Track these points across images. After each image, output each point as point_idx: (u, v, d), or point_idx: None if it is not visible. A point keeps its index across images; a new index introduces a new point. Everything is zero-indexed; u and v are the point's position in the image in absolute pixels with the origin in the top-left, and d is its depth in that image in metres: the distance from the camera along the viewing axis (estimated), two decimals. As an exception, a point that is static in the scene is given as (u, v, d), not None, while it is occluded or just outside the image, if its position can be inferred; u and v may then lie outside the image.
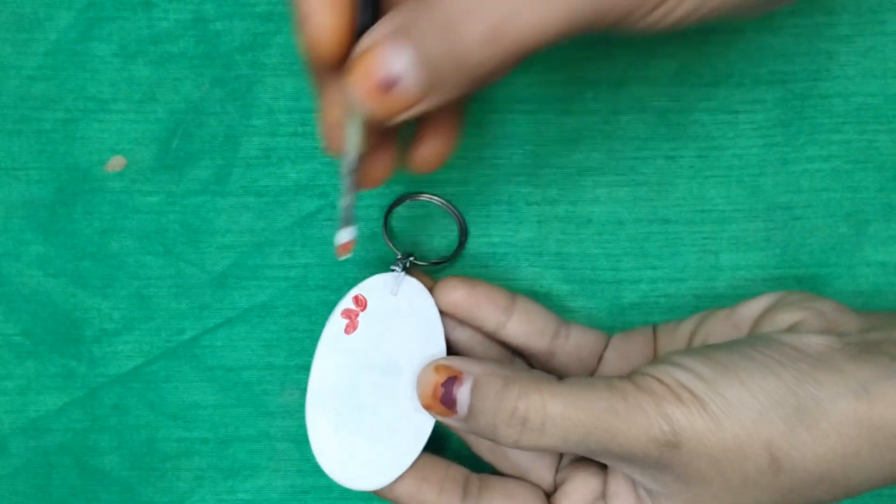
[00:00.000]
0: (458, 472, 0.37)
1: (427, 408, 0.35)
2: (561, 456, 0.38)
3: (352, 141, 0.30)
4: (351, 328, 0.37)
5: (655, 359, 0.34)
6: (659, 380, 0.32)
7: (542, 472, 0.38)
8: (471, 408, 0.34)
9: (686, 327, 0.38)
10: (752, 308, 0.37)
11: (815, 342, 0.33)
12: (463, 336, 0.39)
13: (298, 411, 0.41)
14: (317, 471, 0.41)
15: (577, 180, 0.40)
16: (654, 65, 0.40)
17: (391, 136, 0.33)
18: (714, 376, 0.32)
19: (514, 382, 0.33)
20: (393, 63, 0.27)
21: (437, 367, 0.35)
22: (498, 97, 0.40)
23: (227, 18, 0.40)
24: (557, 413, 0.32)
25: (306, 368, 0.41)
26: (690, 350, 0.34)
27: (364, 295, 0.37)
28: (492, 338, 0.39)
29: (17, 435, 0.41)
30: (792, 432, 0.31)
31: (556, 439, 0.32)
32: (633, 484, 0.35)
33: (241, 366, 0.41)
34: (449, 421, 0.35)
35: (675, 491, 0.32)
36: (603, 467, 0.37)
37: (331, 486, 0.42)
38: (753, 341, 0.34)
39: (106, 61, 0.40)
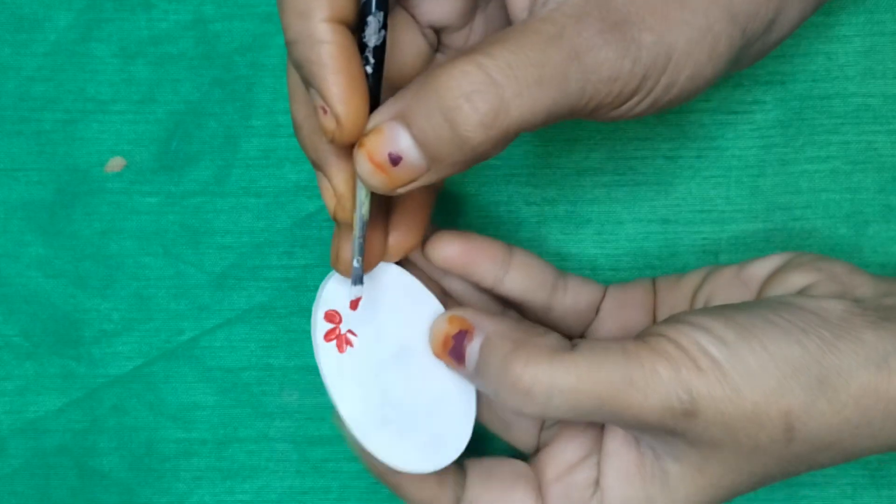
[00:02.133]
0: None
1: (437, 356, 0.34)
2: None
3: (360, 209, 0.32)
4: (343, 344, 0.35)
5: (672, 317, 0.33)
6: (677, 342, 0.31)
7: (527, 426, 0.37)
8: (478, 366, 0.33)
9: (689, 282, 0.37)
10: (762, 267, 0.36)
11: (835, 307, 0.32)
12: (456, 287, 0.38)
13: (298, 412, 0.41)
14: (316, 472, 0.41)
15: (577, 180, 0.40)
16: (654, 65, 0.40)
17: (423, 207, 0.35)
18: (736, 340, 0.31)
19: (522, 348, 0.32)
20: (396, 143, 0.29)
21: (451, 317, 0.34)
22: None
23: (226, 19, 0.40)
24: (568, 386, 0.31)
25: (306, 369, 0.41)
26: (710, 310, 0.33)
27: (331, 308, 0.35)
28: (488, 293, 0.38)
29: (16, 435, 0.41)
30: (812, 402, 0.31)
31: (565, 410, 0.31)
32: (637, 442, 0.33)
33: (240, 367, 0.41)
34: (459, 372, 0.34)
35: (683, 453, 0.32)
36: (594, 425, 0.36)
37: (329, 488, 0.42)
38: (775, 305, 0.33)
39: (105, 62, 0.40)
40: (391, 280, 0.35)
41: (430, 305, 0.36)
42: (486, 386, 0.33)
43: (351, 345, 0.35)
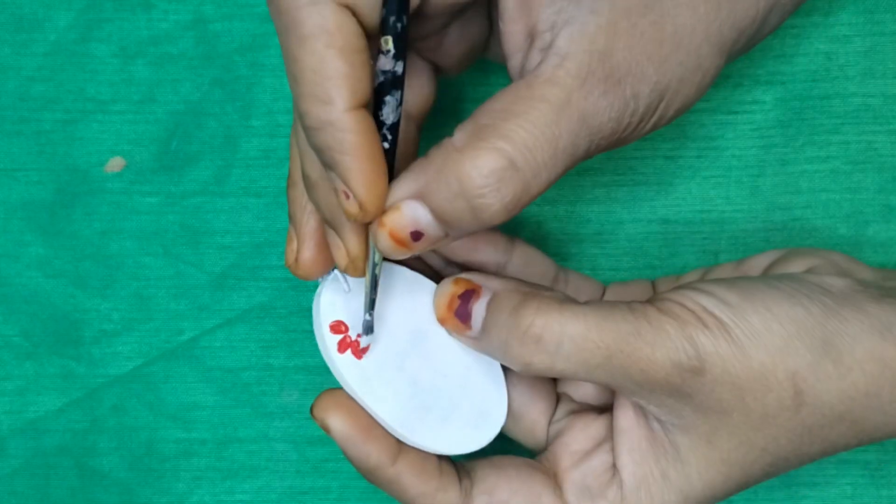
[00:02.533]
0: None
1: (442, 321, 0.34)
2: (556, 405, 0.37)
3: (372, 270, 0.32)
4: (358, 350, 0.34)
5: (676, 286, 0.33)
6: (682, 304, 0.31)
7: (537, 416, 0.36)
8: (485, 323, 0.33)
9: (688, 280, 0.38)
10: (761, 260, 0.36)
11: (837, 282, 0.33)
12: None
13: (298, 412, 0.41)
14: (316, 472, 0.41)
15: (576, 180, 0.40)
16: (654, 65, 0.40)
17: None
18: (740, 302, 0.31)
19: (533, 298, 0.32)
20: (417, 223, 0.30)
21: (457, 279, 0.34)
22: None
23: (226, 19, 0.40)
24: (578, 333, 0.31)
25: (306, 369, 0.41)
26: (713, 279, 0.33)
27: (334, 319, 0.34)
28: None
29: (16, 436, 0.41)
30: (817, 364, 0.31)
31: (574, 363, 0.31)
32: (646, 417, 0.33)
33: (240, 366, 0.41)
34: (462, 338, 0.34)
35: (692, 423, 0.32)
36: (602, 412, 0.36)
37: (329, 488, 0.42)
38: (778, 276, 0.33)
39: (105, 62, 0.40)
40: (385, 274, 0.35)
41: (430, 287, 0.35)
42: (493, 343, 0.32)
43: (366, 349, 0.34)
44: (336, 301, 0.34)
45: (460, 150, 0.28)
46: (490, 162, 0.28)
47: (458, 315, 0.33)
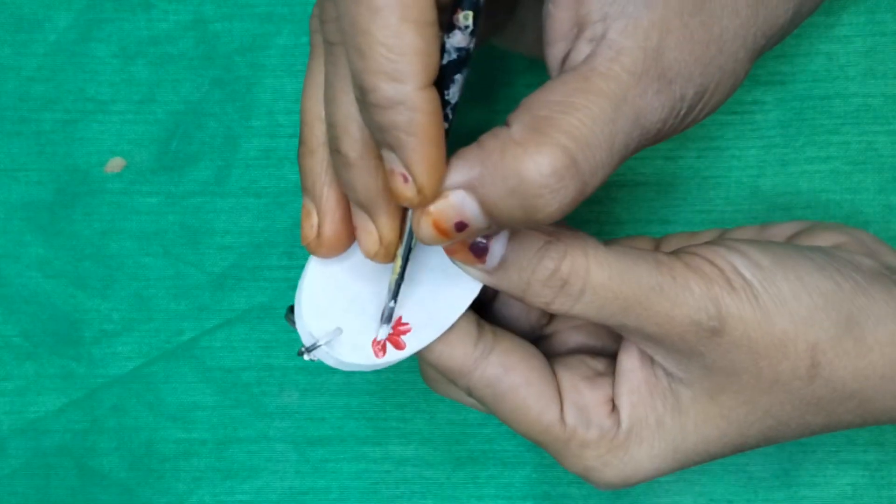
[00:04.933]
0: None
1: (451, 252, 0.31)
2: (551, 316, 0.36)
3: (404, 255, 0.31)
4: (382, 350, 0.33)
5: (708, 241, 0.33)
6: (712, 262, 0.31)
7: (534, 318, 0.36)
8: (504, 260, 0.31)
9: (704, 239, 0.37)
10: (784, 229, 0.36)
11: (867, 262, 0.33)
12: None
13: (298, 412, 0.41)
14: (316, 472, 0.41)
15: (577, 180, 0.40)
16: (654, 66, 0.40)
17: None
18: (772, 266, 0.31)
19: (559, 241, 0.31)
20: (464, 213, 0.28)
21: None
22: (498, 97, 0.40)
23: (226, 20, 0.40)
24: (600, 283, 0.30)
25: (306, 369, 0.41)
26: (746, 239, 0.33)
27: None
28: None
29: (16, 436, 0.41)
30: (839, 339, 0.31)
31: (592, 308, 0.30)
32: (651, 364, 0.33)
33: (240, 367, 0.41)
34: (472, 270, 0.31)
35: (697, 378, 0.31)
36: (598, 355, 0.35)
37: (329, 488, 0.42)
38: (808, 247, 0.33)
39: (105, 62, 0.40)
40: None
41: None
42: (510, 280, 0.31)
43: (401, 344, 0.33)
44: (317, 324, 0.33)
45: (519, 143, 0.27)
46: (553, 160, 0.26)
47: (472, 249, 0.31)
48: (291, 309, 0.34)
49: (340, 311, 0.33)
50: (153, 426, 0.41)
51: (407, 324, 0.33)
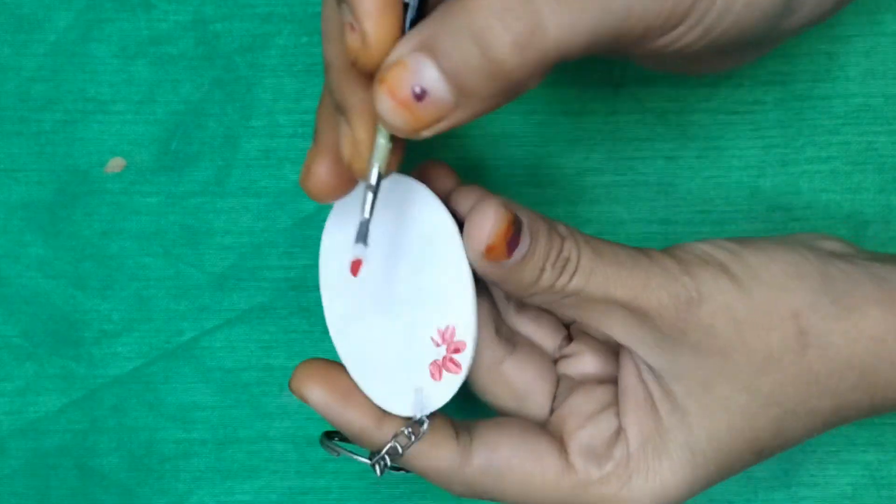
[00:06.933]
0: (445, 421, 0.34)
1: (490, 250, 0.30)
2: (558, 383, 0.36)
3: (377, 158, 0.29)
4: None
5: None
6: (682, 249, 0.32)
7: (543, 395, 0.35)
8: (528, 249, 0.30)
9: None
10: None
11: (837, 245, 0.33)
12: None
13: (298, 412, 0.41)
14: (315, 472, 0.41)
15: (577, 180, 0.40)
16: (654, 66, 0.40)
17: None
18: (738, 248, 0.31)
19: (555, 224, 0.31)
20: (420, 76, 0.26)
21: (499, 203, 0.30)
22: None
23: (226, 20, 0.40)
24: (588, 257, 0.31)
25: (305, 369, 0.41)
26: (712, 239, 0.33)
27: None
28: None
29: (15, 436, 0.41)
30: (818, 302, 0.31)
31: (581, 281, 0.30)
32: (648, 371, 0.32)
33: (240, 367, 0.41)
34: (493, 270, 0.30)
35: (686, 368, 0.31)
36: (603, 382, 0.35)
37: (329, 488, 0.42)
38: (775, 236, 0.34)
39: (105, 62, 0.40)
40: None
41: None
42: (530, 268, 0.30)
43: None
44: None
45: None
46: None
47: (510, 244, 0.30)
48: (328, 434, 0.35)
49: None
50: (153, 426, 0.41)
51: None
